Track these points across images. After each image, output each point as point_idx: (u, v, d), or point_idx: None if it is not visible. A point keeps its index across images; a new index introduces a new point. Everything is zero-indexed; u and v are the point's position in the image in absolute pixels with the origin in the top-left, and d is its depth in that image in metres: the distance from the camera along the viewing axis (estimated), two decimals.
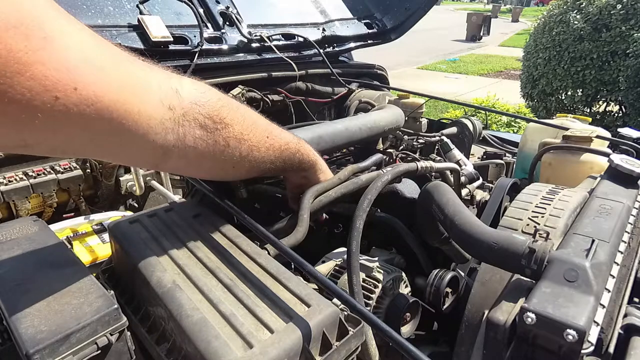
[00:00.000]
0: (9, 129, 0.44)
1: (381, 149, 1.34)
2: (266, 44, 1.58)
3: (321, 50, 1.74)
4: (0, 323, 0.59)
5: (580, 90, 5.29)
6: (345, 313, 0.60)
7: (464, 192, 1.11)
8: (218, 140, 0.64)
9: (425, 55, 12.42)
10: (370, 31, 1.98)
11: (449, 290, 0.85)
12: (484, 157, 1.64)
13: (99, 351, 0.54)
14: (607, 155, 1.00)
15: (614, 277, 0.61)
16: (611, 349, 0.58)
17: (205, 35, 1.45)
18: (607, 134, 1.27)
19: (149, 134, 0.54)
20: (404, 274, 0.87)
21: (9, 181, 1.29)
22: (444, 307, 0.84)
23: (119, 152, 0.58)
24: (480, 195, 1.15)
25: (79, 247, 1.13)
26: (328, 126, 1.13)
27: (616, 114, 5.39)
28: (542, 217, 0.76)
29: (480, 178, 1.22)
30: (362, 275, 0.80)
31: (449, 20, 21.23)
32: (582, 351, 0.50)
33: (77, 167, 1.43)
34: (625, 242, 0.69)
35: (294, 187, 0.88)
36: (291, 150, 0.79)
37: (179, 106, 0.57)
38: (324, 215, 0.98)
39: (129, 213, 1.39)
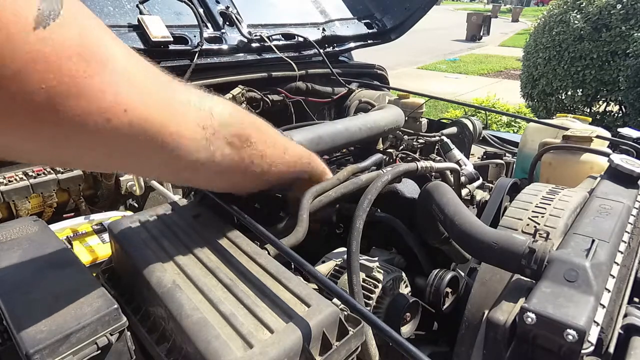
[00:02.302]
0: (60, 150, 0.48)
1: (381, 149, 1.34)
2: (266, 44, 1.58)
3: (321, 50, 1.74)
4: (0, 323, 0.59)
5: (580, 90, 5.29)
6: (345, 313, 0.60)
7: (464, 192, 1.11)
8: (243, 157, 0.68)
9: (425, 55, 12.42)
10: (370, 31, 1.98)
11: (449, 290, 0.85)
12: (484, 157, 1.64)
13: (99, 351, 0.54)
14: (607, 155, 1.00)
15: (614, 277, 0.61)
16: (611, 349, 0.58)
17: (205, 35, 1.45)
18: (607, 134, 1.27)
19: (183, 153, 0.57)
20: (404, 274, 0.87)
21: (9, 181, 1.29)
22: (444, 307, 0.84)
23: (153, 169, 0.63)
24: (480, 195, 1.15)
25: (79, 247, 1.13)
26: (328, 126, 1.13)
27: (616, 114, 5.39)
28: (542, 217, 0.76)
29: (480, 178, 1.22)
30: (362, 275, 0.80)
31: (449, 20, 21.23)
32: (582, 351, 0.50)
33: None
34: (625, 242, 0.69)
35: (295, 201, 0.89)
36: (304, 164, 0.84)
37: (211, 126, 0.60)
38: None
39: (129, 213, 1.39)
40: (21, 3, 0.37)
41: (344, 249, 0.93)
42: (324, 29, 1.83)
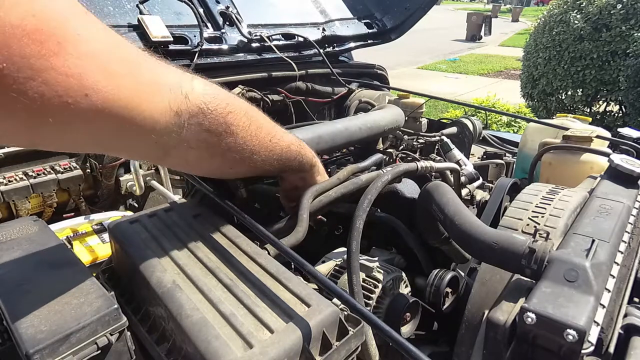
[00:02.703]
0: (20, 131, 0.46)
1: (381, 149, 1.34)
2: (266, 44, 1.58)
3: (321, 50, 1.74)
4: (0, 323, 0.59)
5: (580, 90, 5.29)
6: (345, 313, 0.60)
7: (464, 192, 1.11)
8: (220, 144, 0.65)
9: (425, 55, 12.41)
10: (370, 31, 1.98)
11: (449, 290, 0.85)
12: (484, 157, 1.64)
13: (99, 351, 0.54)
14: (607, 155, 1.00)
15: (614, 277, 0.61)
16: (611, 349, 0.58)
17: (205, 35, 1.45)
18: (607, 134, 1.27)
19: (152, 136, 0.55)
20: (404, 274, 0.87)
21: (9, 181, 1.29)
22: (444, 307, 0.84)
23: (122, 149, 0.61)
24: (480, 195, 1.15)
25: (79, 247, 1.13)
26: (328, 126, 1.13)
27: (616, 114, 5.39)
28: (542, 217, 0.76)
29: (480, 178, 1.22)
30: (362, 275, 0.80)
31: (449, 20, 21.22)
32: (582, 351, 0.50)
33: (77, 167, 1.43)
34: (625, 242, 0.69)
35: (290, 187, 0.88)
36: (292, 152, 0.80)
37: (186, 111, 0.58)
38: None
39: (129, 213, 1.39)
40: None
41: (344, 249, 0.93)
42: (324, 29, 1.83)
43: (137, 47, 0.54)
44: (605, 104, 5.47)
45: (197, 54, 1.40)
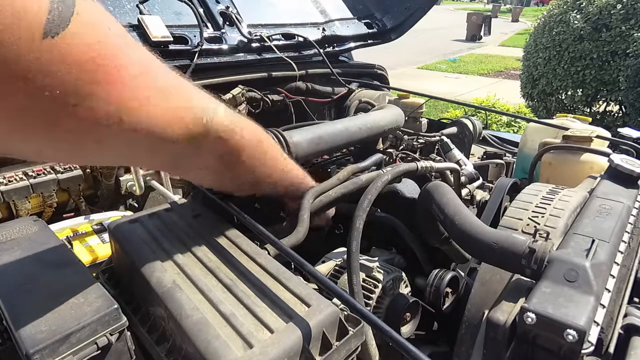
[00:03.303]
0: (59, 153, 0.51)
1: (381, 149, 1.34)
2: (266, 44, 1.58)
3: (321, 50, 1.74)
4: (0, 323, 0.59)
5: (580, 90, 5.29)
6: (345, 313, 0.60)
7: (464, 192, 1.11)
8: (229, 170, 0.69)
9: (425, 55, 12.41)
10: (370, 31, 1.98)
11: (449, 290, 0.85)
12: (484, 157, 1.64)
13: (99, 351, 0.54)
14: (607, 155, 1.00)
15: (614, 277, 0.61)
16: (611, 349, 0.58)
17: (205, 35, 1.45)
18: (607, 134, 1.27)
19: (170, 154, 0.59)
20: (404, 274, 0.87)
21: (9, 181, 1.29)
22: (444, 307, 0.84)
23: (141, 163, 0.67)
24: (480, 195, 1.15)
25: (79, 247, 1.13)
26: (328, 126, 1.13)
27: (616, 114, 5.39)
28: (542, 217, 0.76)
29: (480, 178, 1.22)
30: (362, 275, 0.80)
31: (449, 20, 21.22)
32: (582, 351, 0.50)
33: (77, 167, 1.42)
34: (625, 242, 0.69)
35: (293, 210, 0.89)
36: (295, 185, 0.83)
37: (205, 139, 0.61)
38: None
39: (129, 213, 1.39)
40: (31, 12, 0.37)
41: (344, 249, 0.93)
42: (324, 29, 1.83)
43: (169, 68, 0.56)
44: (605, 104, 5.47)
45: (197, 54, 1.40)
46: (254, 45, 1.57)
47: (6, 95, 0.39)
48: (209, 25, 1.51)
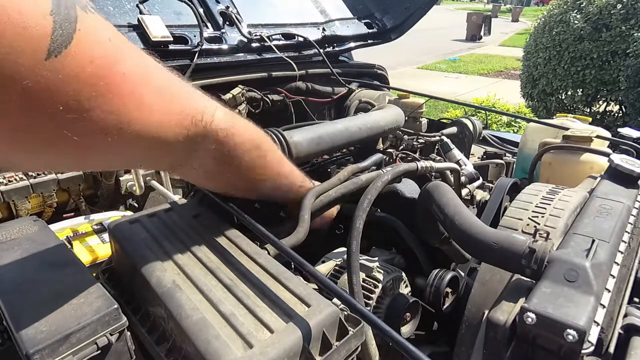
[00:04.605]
0: (62, 161, 0.53)
1: (381, 149, 1.34)
2: (266, 44, 1.58)
3: (321, 50, 1.74)
4: (0, 323, 0.59)
5: (580, 90, 5.29)
6: (345, 313, 0.60)
7: (464, 192, 1.11)
8: (224, 172, 0.70)
9: (425, 55, 12.41)
10: (370, 31, 1.98)
11: (449, 290, 0.85)
12: (484, 157, 1.64)
13: (99, 351, 0.54)
14: (607, 155, 1.00)
15: (614, 277, 0.61)
16: (611, 349, 0.58)
17: (205, 35, 1.45)
18: (607, 134, 1.27)
19: (168, 155, 0.60)
20: (404, 274, 0.87)
21: (9, 181, 1.29)
22: (444, 307, 0.84)
23: (140, 165, 0.68)
24: (480, 195, 1.15)
25: (79, 247, 1.13)
26: (328, 126, 1.13)
27: (616, 114, 5.39)
28: (542, 217, 0.76)
29: (480, 178, 1.22)
30: (362, 275, 0.80)
31: (449, 20, 21.22)
32: (582, 351, 0.50)
33: None
34: (625, 242, 0.69)
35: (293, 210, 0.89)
36: (294, 189, 0.83)
37: (202, 141, 0.61)
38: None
39: (129, 213, 1.39)
40: (35, 35, 0.37)
41: (344, 249, 0.93)
42: (324, 29, 1.82)
43: (167, 71, 0.56)
44: (605, 104, 5.47)
45: (197, 54, 1.40)
46: (254, 45, 1.56)
47: (8, 114, 0.39)
48: (209, 25, 1.51)
